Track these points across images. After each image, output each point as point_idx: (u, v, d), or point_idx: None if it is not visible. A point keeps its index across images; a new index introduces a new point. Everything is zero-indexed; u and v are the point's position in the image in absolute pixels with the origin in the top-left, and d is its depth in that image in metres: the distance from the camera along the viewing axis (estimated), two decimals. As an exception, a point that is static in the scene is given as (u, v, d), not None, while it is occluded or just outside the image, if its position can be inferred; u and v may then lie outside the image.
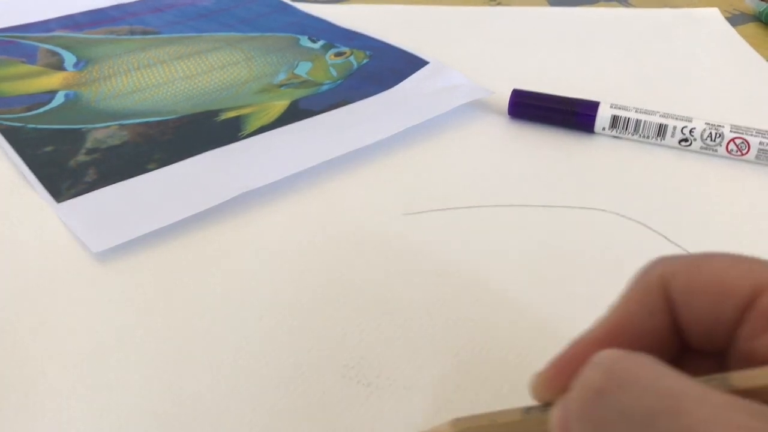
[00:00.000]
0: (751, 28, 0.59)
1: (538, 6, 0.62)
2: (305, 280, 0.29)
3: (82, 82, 0.45)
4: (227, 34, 0.52)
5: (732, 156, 0.39)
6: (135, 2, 0.58)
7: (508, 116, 0.43)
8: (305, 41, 0.51)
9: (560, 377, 0.18)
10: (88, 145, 0.38)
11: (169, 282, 0.29)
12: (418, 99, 0.43)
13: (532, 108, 0.42)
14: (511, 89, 0.43)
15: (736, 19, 0.60)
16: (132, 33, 0.52)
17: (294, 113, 0.41)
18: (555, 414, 0.17)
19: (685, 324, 0.17)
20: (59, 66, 0.47)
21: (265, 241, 0.32)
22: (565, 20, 0.58)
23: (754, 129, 0.39)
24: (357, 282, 0.30)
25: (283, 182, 0.35)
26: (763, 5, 0.60)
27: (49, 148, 0.37)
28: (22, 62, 0.47)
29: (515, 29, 0.56)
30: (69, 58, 0.48)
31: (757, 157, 0.38)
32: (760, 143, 0.38)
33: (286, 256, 0.31)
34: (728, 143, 0.38)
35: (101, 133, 0.39)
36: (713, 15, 0.60)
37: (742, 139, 0.38)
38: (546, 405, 0.19)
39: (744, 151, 0.38)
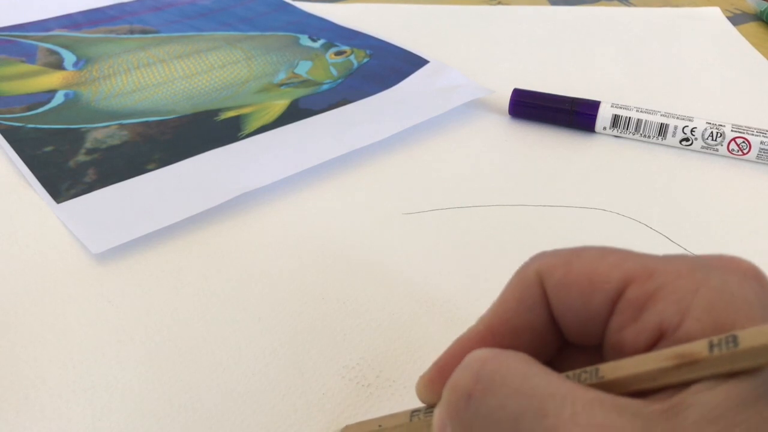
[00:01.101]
0: (753, 27, 0.59)
1: (539, 5, 0.62)
2: (305, 280, 0.29)
3: (81, 82, 0.45)
4: (227, 33, 0.52)
5: (733, 155, 0.39)
6: (134, 1, 0.58)
7: (508, 116, 0.43)
8: (305, 40, 0.51)
9: (441, 378, 0.18)
10: (88, 145, 0.38)
11: (169, 283, 0.29)
12: (418, 98, 0.43)
13: (532, 107, 0.42)
14: (512, 88, 0.43)
15: (737, 19, 0.60)
16: (131, 32, 0.52)
17: (294, 113, 0.41)
18: (435, 416, 0.17)
19: (561, 318, 0.18)
20: (59, 65, 0.47)
21: (265, 241, 0.32)
22: (566, 19, 0.58)
23: (756, 128, 0.38)
24: (357, 282, 0.29)
25: (283, 182, 0.35)
26: (765, 4, 0.60)
27: (48, 148, 0.37)
28: (22, 61, 0.47)
29: (516, 28, 0.56)
30: (68, 58, 0.48)
31: (758, 156, 0.38)
32: (762, 143, 0.38)
33: (286, 256, 0.31)
34: (729, 143, 0.38)
35: (101, 133, 0.39)
36: (714, 14, 0.60)
37: (744, 138, 0.38)
38: (431, 407, 0.19)
39: (745, 151, 0.38)
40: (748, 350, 0.14)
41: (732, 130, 0.38)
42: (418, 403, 0.24)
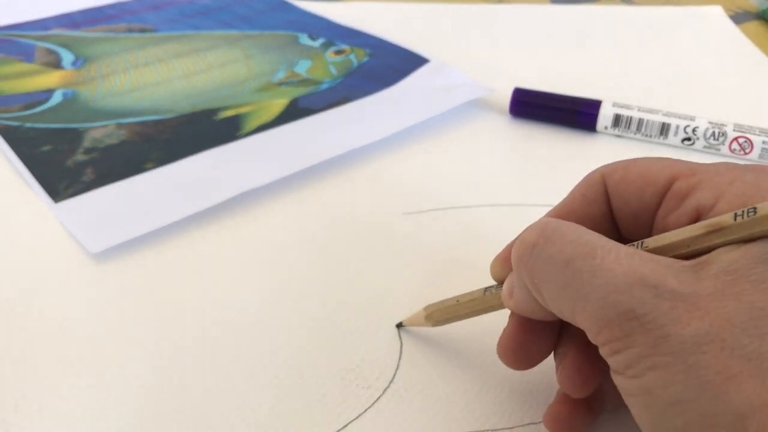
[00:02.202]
0: (755, 26, 0.59)
1: (540, 4, 0.62)
2: (305, 280, 0.29)
3: (80, 81, 0.44)
4: (226, 32, 0.52)
5: (735, 155, 0.38)
6: (133, 0, 0.58)
7: (509, 115, 0.42)
8: (305, 39, 0.51)
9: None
10: (86, 144, 0.38)
11: (168, 282, 0.29)
12: (418, 97, 0.43)
13: (533, 107, 0.42)
14: (513, 88, 0.42)
15: (739, 17, 0.60)
16: (130, 31, 0.52)
17: (293, 112, 0.41)
18: (506, 280, 0.21)
19: (619, 212, 0.21)
20: (57, 64, 0.46)
21: (264, 241, 0.32)
22: (567, 18, 0.58)
23: (758, 128, 0.38)
24: (357, 282, 0.29)
25: (283, 182, 0.35)
26: (767, 3, 0.60)
27: (46, 148, 0.37)
28: (20, 61, 0.47)
29: (517, 27, 0.56)
30: (67, 57, 0.47)
31: (760, 156, 0.38)
32: (764, 142, 0.38)
33: (286, 256, 0.31)
34: (731, 142, 0.38)
35: (99, 133, 0.39)
36: (716, 13, 0.60)
37: (746, 138, 0.38)
38: (501, 284, 0.22)
39: (747, 151, 0.38)
40: (764, 217, 0.17)
41: (734, 130, 0.38)
42: (419, 406, 0.23)
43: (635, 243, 0.19)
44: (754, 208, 0.17)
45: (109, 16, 0.55)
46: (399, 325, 0.27)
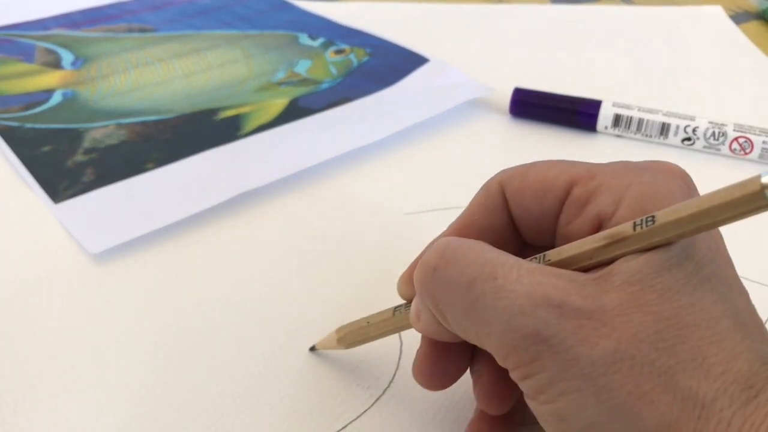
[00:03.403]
0: (755, 26, 0.59)
1: (540, 3, 0.61)
2: (304, 280, 0.29)
3: (79, 81, 0.44)
4: (226, 31, 0.52)
5: (735, 155, 0.38)
6: (133, 0, 0.58)
7: (509, 115, 0.42)
8: (305, 39, 0.51)
9: None
10: (86, 144, 0.38)
11: (168, 283, 0.29)
12: (418, 97, 0.43)
13: (533, 106, 0.42)
14: (513, 87, 0.42)
15: (739, 17, 0.60)
16: (130, 31, 0.52)
17: (293, 112, 0.41)
18: (413, 303, 0.20)
19: (519, 219, 0.21)
20: (57, 64, 0.46)
21: (264, 241, 0.32)
22: (567, 18, 0.58)
23: (758, 128, 0.38)
24: (357, 282, 0.29)
25: (282, 182, 0.35)
26: (766, 3, 0.60)
27: (46, 148, 0.37)
28: (20, 61, 0.47)
29: (517, 27, 0.56)
30: (67, 57, 0.47)
31: (760, 156, 0.38)
32: (764, 142, 0.38)
33: (285, 256, 0.31)
34: (731, 142, 0.38)
35: (99, 133, 0.39)
36: (717, 13, 0.60)
37: (746, 138, 0.38)
38: (409, 303, 0.22)
39: (747, 151, 0.38)
40: (662, 226, 0.17)
41: (734, 130, 0.38)
42: (420, 406, 0.23)
43: (537, 257, 0.19)
44: (653, 217, 0.17)
45: (109, 16, 0.55)
46: (312, 349, 0.26)
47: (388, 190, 0.35)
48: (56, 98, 0.42)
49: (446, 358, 0.21)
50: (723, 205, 0.16)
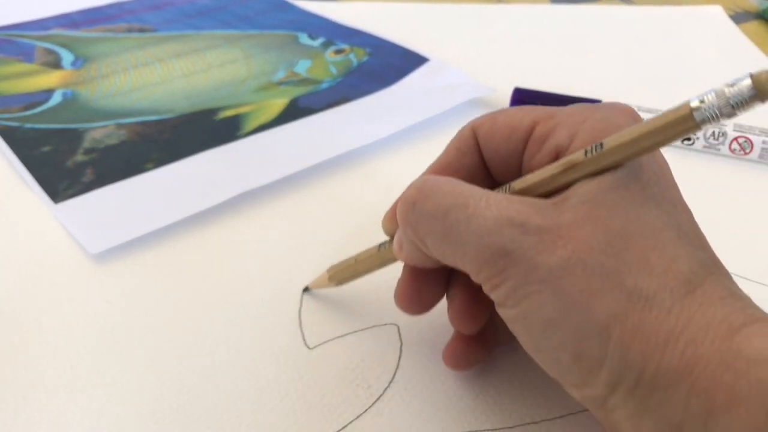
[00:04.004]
0: (755, 25, 0.59)
1: (540, 3, 0.61)
2: (305, 280, 0.29)
3: (79, 81, 0.44)
4: (226, 31, 0.52)
5: (735, 155, 0.38)
6: (132, 0, 0.58)
7: (509, 115, 0.42)
8: (304, 39, 0.51)
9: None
10: (86, 144, 0.38)
11: (168, 283, 0.29)
12: (418, 97, 0.43)
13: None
14: (513, 87, 0.42)
15: (739, 17, 0.60)
16: (130, 31, 0.52)
17: (293, 111, 0.41)
18: (395, 238, 0.23)
19: (490, 160, 0.23)
20: (57, 64, 0.46)
21: (264, 241, 0.32)
22: (567, 18, 0.58)
23: (758, 128, 0.38)
24: (357, 282, 0.29)
25: (282, 181, 0.35)
26: (766, 3, 0.60)
27: (46, 148, 0.37)
28: (19, 61, 0.47)
29: (517, 27, 0.56)
30: (66, 57, 0.47)
31: (760, 156, 0.38)
32: (764, 142, 0.38)
33: (286, 256, 0.31)
34: (731, 142, 0.38)
35: (99, 133, 0.39)
36: (716, 13, 0.60)
37: (746, 138, 0.38)
38: (393, 239, 0.24)
39: (747, 151, 0.38)
40: (610, 150, 0.19)
41: (734, 130, 0.38)
42: (420, 406, 0.23)
43: (503, 187, 0.21)
44: (601, 144, 0.19)
45: (108, 16, 0.55)
46: (305, 290, 0.29)
47: (387, 190, 0.35)
48: (56, 98, 0.42)
49: (424, 285, 0.24)
50: (659, 127, 0.18)
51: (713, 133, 0.38)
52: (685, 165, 0.38)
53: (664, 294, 0.18)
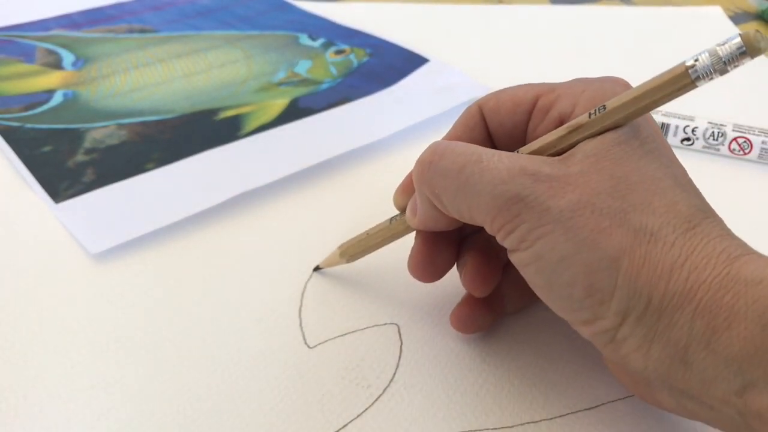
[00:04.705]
0: (754, 26, 0.59)
1: (540, 4, 0.62)
2: (304, 280, 0.29)
3: (80, 81, 0.44)
4: (226, 32, 0.52)
5: (734, 155, 0.39)
6: (133, 1, 0.58)
7: (509, 115, 0.42)
8: (305, 39, 0.51)
9: (410, 185, 0.26)
10: (87, 144, 0.38)
11: (168, 283, 0.29)
12: (418, 97, 0.43)
13: (533, 107, 0.42)
14: (512, 88, 0.42)
15: (738, 18, 0.60)
16: (130, 31, 0.52)
17: (294, 112, 0.41)
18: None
19: (495, 133, 0.25)
20: (57, 65, 0.46)
21: (264, 240, 0.32)
22: (567, 18, 0.58)
23: (757, 128, 0.38)
24: (357, 282, 0.29)
25: (283, 181, 0.35)
26: (766, 4, 0.60)
27: (47, 148, 0.37)
28: (20, 61, 0.47)
29: (517, 27, 0.56)
30: (67, 57, 0.48)
31: (759, 156, 0.38)
32: (763, 142, 0.38)
33: (286, 255, 0.31)
34: (731, 142, 0.38)
35: (99, 133, 0.39)
36: (716, 13, 0.60)
37: (745, 138, 0.38)
38: (403, 212, 0.26)
39: (746, 151, 0.38)
40: (612, 110, 0.21)
41: (733, 130, 0.38)
42: (420, 405, 0.23)
43: (512, 152, 0.23)
44: (604, 106, 0.21)
45: (109, 16, 0.55)
46: (316, 269, 0.29)
47: (387, 191, 0.35)
48: (57, 98, 0.42)
49: (436, 252, 0.25)
50: (657, 86, 0.20)
51: (713, 133, 0.38)
52: (684, 165, 0.38)
53: (668, 229, 0.19)
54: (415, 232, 0.26)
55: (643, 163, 0.20)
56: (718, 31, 0.57)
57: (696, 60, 0.19)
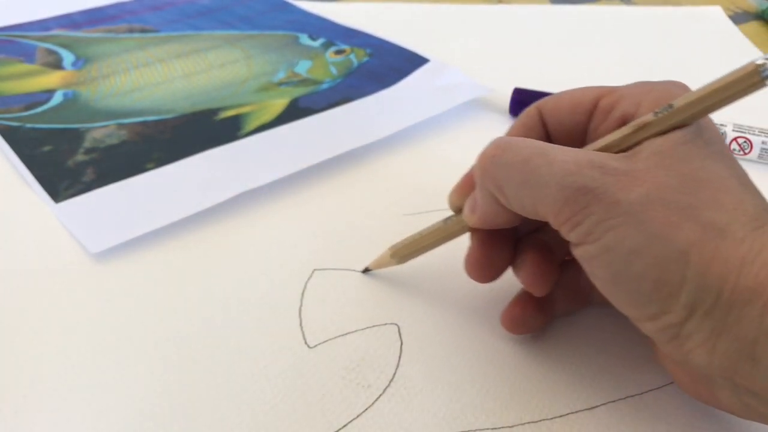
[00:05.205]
0: (754, 26, 0.59)
1: (540, 4, 0.62)
2: (304, 280, 0.29)
3: (80, 81, 0.44)
4: (226, 32, 0.52)
5: (734, 155, 0.38)
6: (133, 0, 0.58)
7: (509, 115, 0.43)
8: (305, 39, 0.51)
9: (465, 186, 0.26)
10: (87, 144, 0.38)
11: (168, 282, 0.29)
12: (418, 97, 0.43)
13: (533, 107, 0.42)
14: (513, 88, 0.42)
15: (738, 18, 0.60)
16: (131, 31, 0.52)
17: (294, 112, 0.41)
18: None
19: (554, 133, 0.25)
20: (58, 65, 0.46)
21: (264, 240, 0.32)
22: (567, 18, 0.58)
23: (757, 128, 0.38)
24: (357, 282, 0.29)
25: (283, 181, 0.35)
26: (766, 4, 0.60)
27: (47, 148, 0.37)
28: (21, 61, 0.47)
29: (517, 27, 0.56)
30: (67, 57, 0.48)
31: (759, 156, 0.38)
32: (763, 142, 0.38)
33: (286, 255, 0.31)
34: (731, 142, 0.38)
35: (99, 133, 0.39)
36: (716, 13, 0.60)
37: (745, 138, 0.38)
38: (458, 213, 0.26)
39: (747, 151, 0.38)
40: (679, 109, 0.21)
41: (733, 130, 0.38)
42: (420, 405, 0.23)
43: (576, 148, 0.22)
44: (671, 105, 0.21)
45: (109, 16, 0.55)
46: (365, 271, 0.29)
47: (387, 191, 0.35)
48: (57, 98, 0.42)
49: (493, 251, 0.25)
50: (725, 85, 0.20)
51: (713, 133, 0.38)
52: (684, 165, 0.38)
53: (736, 226, 0.19)
54: (469, 234, 0.26)
55: (709, 162, 0.20)
56: (718, 31, 0.57)
57: (766, 59, 0.19)
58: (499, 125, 0.42)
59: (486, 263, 0.25)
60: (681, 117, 0.21)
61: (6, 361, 0.25)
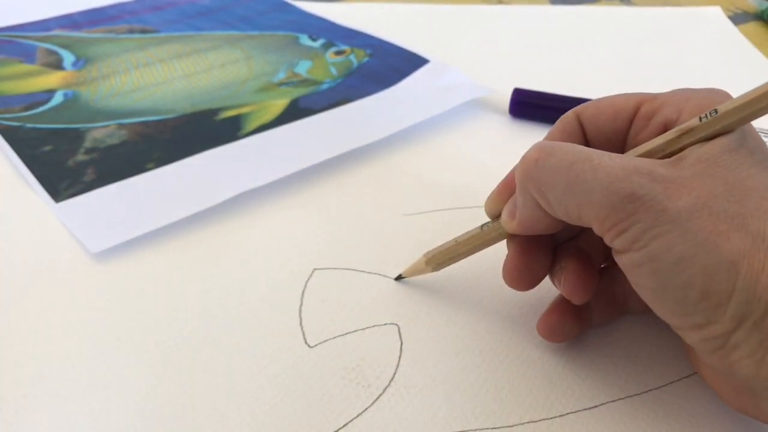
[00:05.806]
0: (753, 26, 0.59)
1: (540, 4, 0.62)
2: (304, 280, 0.29)
3: (80, 82, 0.44)
4: (226, 32, 0.52)
5: None
6: (134, 1, 0.58)
7: (509, 115, 0.43)
8: (305, 40, 0.51)
9: (504, 191, 0.26)
10: (87, 144, 0.38)
11: (168, 282, 0.29)
12: (418, 97, 0.43)
13: (533, 107, 0.42)
14: (513, 88, 0.42)
15: (738, 18, 0.60)
16: (131, 32, 0.52)
17: (294, 112, 0.41)
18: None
19: (593, 140, 0.25)
20: (58, 65, 0.46)
21: (264, 240, 0.32)
22: (567, 19, 0.58)
23: (757, 128, 0.38)
24: (357, 282, 0.29)
25: (282, 181, 0.35)
26: (766, 4, 0.60)
27: (47, 148, 0.37)
28: (21, 61, 0.47)
29: (517, 28, 0.56)
30: (68, 57, 0.48)
31: (760, 156, 0.38)
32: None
33: (286, 255, 0.31)
34: None
35: (100, 133, 0.39)
36: (715, 14, 0.60)
37: None
38: (495, 219, 0.26)
39: None
40: (724, 114, 0.21)
41: None
42: (420, 405, 0.23)
43: (620, 154, 0.22)
44: (716, 110, 0.21)
45: (110, 16, 0.55)
46: (399, 278, 0.29)
47: (387, 191, 0.35)
48: (57, 98, 0.42)
49: (532, 258, 0.25)
50: None
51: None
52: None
53: None
54: (506, 241, 0.26)
55: (755, 171, 0.20)
56: (718, 31, 0.57)
57: None
58: (499, 125, 0.42)
59: (525, 271, 0.25)
60: (726, 122, 0.21)
61: (6, 360, 0.25)
